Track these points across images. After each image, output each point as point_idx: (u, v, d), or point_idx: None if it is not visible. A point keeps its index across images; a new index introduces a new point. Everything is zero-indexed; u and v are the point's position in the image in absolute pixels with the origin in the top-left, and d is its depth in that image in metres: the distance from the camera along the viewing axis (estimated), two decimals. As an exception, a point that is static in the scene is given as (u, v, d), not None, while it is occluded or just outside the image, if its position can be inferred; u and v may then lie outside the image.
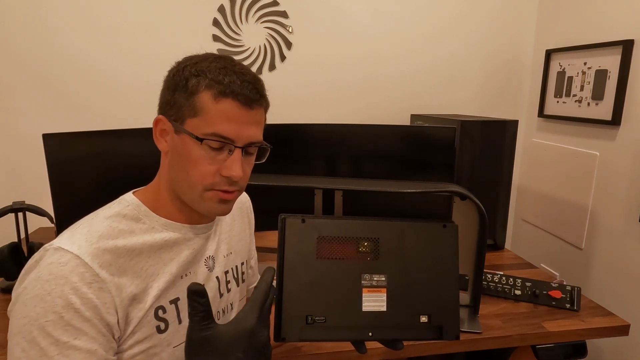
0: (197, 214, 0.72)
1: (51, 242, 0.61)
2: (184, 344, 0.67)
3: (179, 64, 0.68)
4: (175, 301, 0.69)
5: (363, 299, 0.65)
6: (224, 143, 0.64)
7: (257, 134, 0.68)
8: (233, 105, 0.64)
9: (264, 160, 0.73)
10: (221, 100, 0.63)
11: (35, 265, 0.59)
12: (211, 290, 0.76)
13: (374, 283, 0.65)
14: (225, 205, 0.69)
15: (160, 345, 0.66)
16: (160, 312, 0.66)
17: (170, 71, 0.69)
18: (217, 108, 0.63)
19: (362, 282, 0.65)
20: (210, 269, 0.76)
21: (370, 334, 0.65)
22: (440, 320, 0.66)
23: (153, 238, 0.67)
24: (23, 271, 0.61)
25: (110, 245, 0.62)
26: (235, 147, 0.65)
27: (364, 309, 0.64)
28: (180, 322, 0.69)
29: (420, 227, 0.68)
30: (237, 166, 0.65)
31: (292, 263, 0.64)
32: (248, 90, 0.64)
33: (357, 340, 0.67)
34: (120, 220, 0.66)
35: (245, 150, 0.68)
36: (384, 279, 0.66)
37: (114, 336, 0.61)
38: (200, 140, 0.64)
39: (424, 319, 0.66)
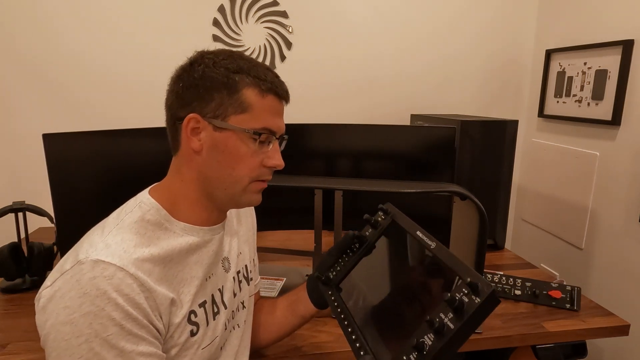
0: (215, 213, 0.74)
1: (85, 254, 0.58)
2: (210, 345, 0.71)
3: (199, 61, 0.68)
4: (203, 304, 0.70)
5: None
6: (271, 137, 0.70)
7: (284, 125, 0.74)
8: (275, 101, 0.70)
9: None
10: (267, 96, 0.69)
11: (72, 282, 0.56)
12: (229, 290, 0.78)
13: None
14: (260, 195, 0.75)
15: (191, 348, 0.68)
16: (192, 317, 0.68)
17: (184, 70, 0.68)
18: (263, 103, 0.68)
19: None
20: (227, 270, 0.78)
21: None
22: None
23: (179, 243, 0.68)
24: (59, 290, 0.57)
25: (146, 254, 0.62)
26: (275, 138, 0.71)
27: None
28: (207, 324, 0.71)
29: None
30: (280, 155, 0.72)
31: None
32: (282, 85, 0.71)
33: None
34: (146, 227, 0.65)
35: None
36: None
37: (162, 338, 0.63)
38: (259, 134, 0.68)
39: None
